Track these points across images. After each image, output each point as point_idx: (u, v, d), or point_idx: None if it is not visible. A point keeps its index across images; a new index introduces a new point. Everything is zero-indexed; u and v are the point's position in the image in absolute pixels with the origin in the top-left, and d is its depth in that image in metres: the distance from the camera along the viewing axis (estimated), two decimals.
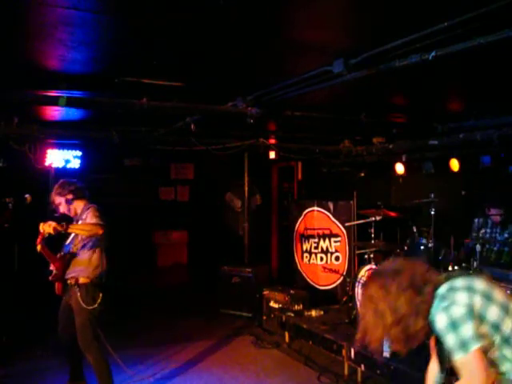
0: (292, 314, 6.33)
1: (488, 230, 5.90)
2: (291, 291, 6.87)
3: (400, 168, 7.30)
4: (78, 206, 4.32)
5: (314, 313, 6.34)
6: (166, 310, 7.79)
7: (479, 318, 1.98)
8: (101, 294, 4.23)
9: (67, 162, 6.72)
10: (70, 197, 4.29)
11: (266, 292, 7.02)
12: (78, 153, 6.82)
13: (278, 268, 9.56)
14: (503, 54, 3.22)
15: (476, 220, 6.13)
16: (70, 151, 6.72)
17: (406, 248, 5.78)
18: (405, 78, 3.94)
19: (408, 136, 6.55)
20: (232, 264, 7.80)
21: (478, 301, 2.00)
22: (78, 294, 4.15)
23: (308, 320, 6.12)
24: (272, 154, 7.74)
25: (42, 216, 6.30)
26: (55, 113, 5.26)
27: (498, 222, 5.86)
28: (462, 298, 2.01)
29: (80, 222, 4.19)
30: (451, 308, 1.99)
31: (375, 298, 2.10)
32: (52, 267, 4.28)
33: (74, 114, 5.22)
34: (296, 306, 6.56)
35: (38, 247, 4.11)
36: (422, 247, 5.54)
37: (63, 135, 6.19)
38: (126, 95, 4.34)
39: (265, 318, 6.89)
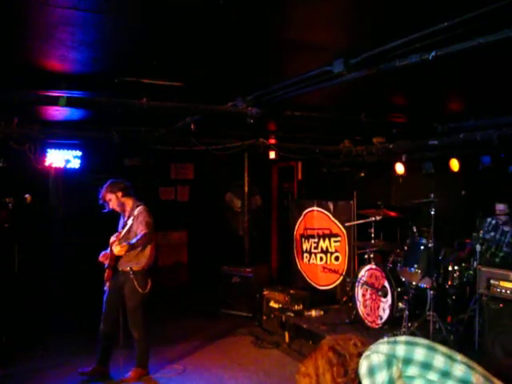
0: (292, 314, 6.34)
1: (497, 236, 5.76)
2: (291, 291, 6.87)
3: (400, 168, 7.30)
4: (127, 202, 4.97)
5: (313, 313, 6.35)
6: (165, 309, 7.79)
7: None
8: (150, 281, 4.91)
9: (67, 161, 6.71)
10: (120, 194, 4.92)
11: (266, 292, 7.02)
12: (78, 153, 6.82)
13: (278, 268, 9.55)
14: (503, 54, 3.22)
15: (488, 220, 5.81)
16: (70, 151, 6.72)
17: (405, 248, 5.79)
18: (405, 78, 3.94)
19: (408, 136, 6.55)
20: (232, 264, 7.80)
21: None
22: (134, 280, 4.78)
23: (308, 320, 6.13)
24: (272, 154, 7.73)
25: (42, 215, 6.34)
26: (55, 113, 5.26)
27: (506, 223, 5.63)
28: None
29: (131, 219, 4.79)
30: None
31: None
32: (102, 258, 4.87)
33: (74, 113, 5.22)
34: (296, 306, 6.56)
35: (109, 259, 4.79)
36: (421, 247, 5.54)
37: (63, 135, 6.19)
38: (126, 95, 4.34)
39: (265, 317, 6.88)
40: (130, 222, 4.82)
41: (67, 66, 3.61)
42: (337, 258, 7.31)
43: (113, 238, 4.80)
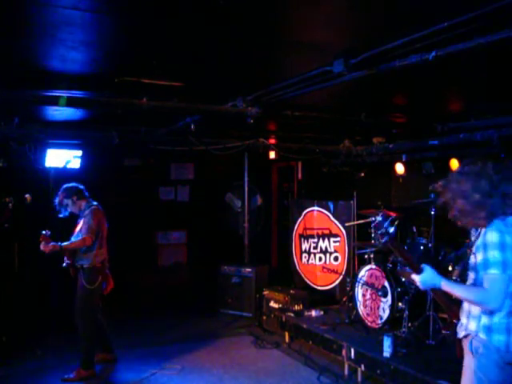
0: (292, 314, 6.34)
1: None
2: (291, 291, 6.87)
3: (400, 168, 7.30)
4: (81, 204, 5.30)
5: (313, 313, 6.35)
6: (165, 309, 7.79)
7: None
8: (100, 277, 5.18)
9: (67, 162, 6.69)
10: (75, 197, 5.27)
11: (266, 292, 7.02)
12: (78, 153, 6.79)
13: (278, 268, 9.54)
14: (503, 54, 3.22)
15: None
16: (70, 151, 6.69)
17: (405, 248, 5.78)
18: (405, 78, 3.94)
19: (408, 136, 6.55)
20: (232, 264, 7.80)
21: None
22: (82, 276, 5.13)
23: (308, 320, 6.13)
24: (272, 154, 7.73)
25: (42, 215, 6.34)
26: (55, 113, 5.26)
27: None
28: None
29: (81, 219, 5.20)
30: (505, 234, 2.45)
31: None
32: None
33: (74, 113, 5.22)
34: (296, 306, 6.56)
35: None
36: (421, 247, 5.54)
37: (63, 135, 6.18)
38: (126, 95, 4.34)
39: (265, 318, 6.89)
40: (80, 221, 5.23)
41: (67, 66, 3.61)
42: (336, 259, 7.31)
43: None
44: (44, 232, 4.96)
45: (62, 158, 6.65)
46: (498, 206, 2.51)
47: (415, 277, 2.67)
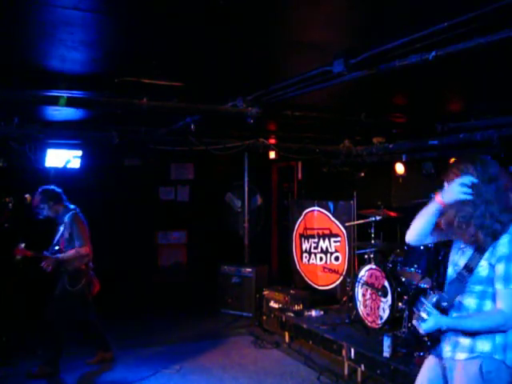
0: (292, 314, 6.34)
1: None
2: (291, 291, 6.87)
3: (400, 168, 7.30)
4: (58, 209, 5.27)
5: (313, 313, 6.35)
6: (165, 309, 7.79)
7: None
8: (84, 280, 5.18)
9: (67, 162, 6.69)
10: (51, 202, 5.23)
11: (266, 292, 7.02)
12: (78, 153, 6.79)
13: (278, 268, 9.55)
14: (503, 54, 3.22)
15: None
16: (70, 151, 6.69)
17: (406, 248, 5.78)
18: (405, 78, 3.94)
19: (408, 136, 6.55)
20: (232, 264, 7.80)
21: None
22: (66, 277, 5.15)
23: (308, 320, 6.13)
24: (272, 154, 7.73)
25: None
26: (55, 113, 5.26)
27: None
28: None
29: (62, 226, 5.20)
30: None
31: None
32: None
33: (73, 113, 5.22)
34: (296, 306, 6.56)
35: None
36: (421, 247, 5.53)
37: (63, 135, 6.18)
38: (126, 95, 4.34)
39: (265, 318, 6.89)
40: (61, 228, 5.22)
41: (67, 66, 3.61)
42: (337, 258, 7.31)
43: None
44: (18, 245, 4.98)
45: (61, 158, 6.64)
46: (484, 216, 2.31)
47: (418, 324, 2.50)
